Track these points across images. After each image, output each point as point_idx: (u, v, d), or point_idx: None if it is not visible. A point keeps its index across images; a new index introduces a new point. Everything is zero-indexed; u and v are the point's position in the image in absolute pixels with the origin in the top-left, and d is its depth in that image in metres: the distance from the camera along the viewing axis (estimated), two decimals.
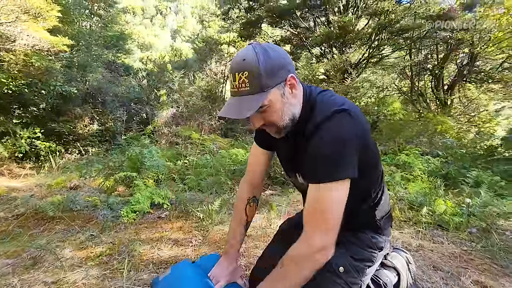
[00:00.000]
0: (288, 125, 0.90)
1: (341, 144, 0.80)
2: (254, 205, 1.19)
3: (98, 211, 2.72)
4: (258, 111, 0.83)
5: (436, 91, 9.06)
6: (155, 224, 2.39)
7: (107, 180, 3.68)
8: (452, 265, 1.71)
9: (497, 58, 8.66)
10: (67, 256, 1.68)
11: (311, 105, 0.90)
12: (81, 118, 7.29)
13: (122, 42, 12.11)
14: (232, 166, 4.06)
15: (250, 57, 0.80)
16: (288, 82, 0.85)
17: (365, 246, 1.02)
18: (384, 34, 7.58)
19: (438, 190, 2.78)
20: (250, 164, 1.19)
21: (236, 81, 0.82)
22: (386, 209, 1.07)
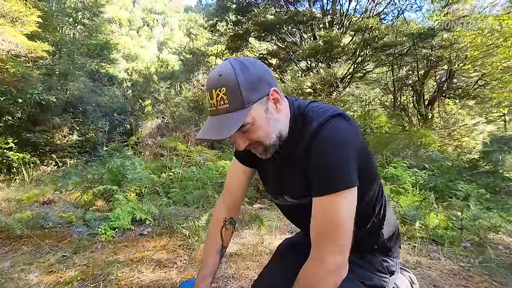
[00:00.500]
0: (275, 144, 0.80)
1: (342, 148, 0.72)
2: (231, 228, 1.04)
3: (72, 228, 2.50)
4: (240, 130, 0.73)
5: (417, 105, 9.39)
6: (136, 243, 2.20)
7: (84, 194, 3.44)
8: (452, 283, 1.64)
9: (472, 76, 9.13)
10: (33, 282, 1.48)
11: (302, 117, 0.80)
12: (59, 128, 6.93)
13: (106, 52, 11.86)
14: (219, 179, 3.92)
15: (226, 71, 0.72)
16: (271, 96, 0.76)
17: (375, 270, 0.91)
18: (368, 50, 7.82)
19: (429, 203, 2.76)
20: (228, 182, 1.05)
21: (213, 99, 0.73)
22: (393, 226, 0.96)
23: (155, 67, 16.06)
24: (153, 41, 63.51)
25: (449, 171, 4.18)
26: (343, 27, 8.31)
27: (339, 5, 8.52)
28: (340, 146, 0.72)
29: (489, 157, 5.02)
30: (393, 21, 8.26)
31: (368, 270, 0.90)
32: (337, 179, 0.71)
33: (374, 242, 0.93)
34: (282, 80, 9.35)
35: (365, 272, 0.90)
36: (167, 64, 14.64)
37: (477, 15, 7.69)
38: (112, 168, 3.48)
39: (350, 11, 8.67)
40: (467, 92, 8.94)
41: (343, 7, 8.51)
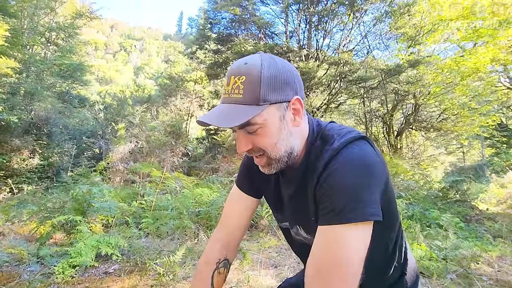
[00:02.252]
0: (282, 159, 0.67)
1: (368, 172, 0.59)
2: (225, 271, 0.84)
3: (23, 267, 2.16)
4: (247, 130, 0.64)
5: (387, 136, 9.91)
6: (100, 283, 1.92)
7: (41, 225, 3.04)
8: None
9: (435, 110, 9.93)
10: None
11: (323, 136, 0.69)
12: (19, 151, 6.35)
13: (79, 73, 11.46)
14: (196, 207, 3.70)
15: (254, 61, 0.63)
16: (292, 104, 0.66)
17: None
18: (341, 83, 8.28)
19: (413, 233, 2.75)
20: (229, 213, 0.87)
21: (229, 85, 0.64)
22: (414, 271, 0.85)
23: (131, 90, 15.75)
24: (129, 66, 63.16)
25: (424, 200, 4.29)
26: (318, 60, 8.80)
27: (314, 40, 9.08)
28: (366, 168, 0.59)
29: (457, 186, 5.28)
30: (364, 58, 8.90)
31: None
32: (354, 206, 0.57)
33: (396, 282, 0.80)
34: None
35: None
36: (144, 88, 14.43)
37: (436, 56, 8.56)
38: (76, 196, 3.15)
39: (324, 46, 9.27)
40: (431, 125, 9.63)
41: (318, 42, 9.08)
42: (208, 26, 10.10)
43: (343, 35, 9.07)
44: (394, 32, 8.74)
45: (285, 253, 2.69)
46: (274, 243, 2.93)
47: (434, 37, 8.27)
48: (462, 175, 5.67)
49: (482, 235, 3.61)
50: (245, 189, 0.85)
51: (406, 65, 7.54)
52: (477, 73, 7.75)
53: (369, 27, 8.85)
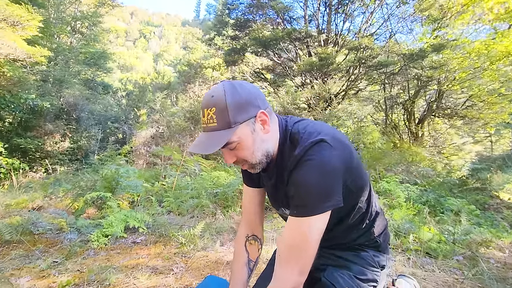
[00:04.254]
0: (262, 161, 0.86)
1: (322, 175, 0.76)
2: (256, 243, 1.08)
3: (63, 235, 2.44)
4: (228, 147, 0.81)
5: (408, 123, 9.63)
6: (130, 250, 2.16)
7: (75, 201, 3.37)
8: None
9: (460, 96, 9.48)
10: (24, 286, 1.44)
11: (288, 137, 0.87)
12: (51, 134, 6.83)
13: (103, 61, 11.89)
14: (214, 189, 3.90)
15: (218, 93, 0.79)
16: (258, 118, 0.82)
17: (367, 265, 0.97)
18: (361, 69, 8.08)
19: (423, 217, 2.80)
20: (244, 204, 1.12)
21: (205, 117, 0.80)
22: (383, 224, 1.03)
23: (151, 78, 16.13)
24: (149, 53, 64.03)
25: (440, 187, 4.26)
26: (337, 45, 8.60)
27: (334, 24, 8.85)
28: (320, 173, 0.76)
29: (478, 175, 5.16)
30: (386, 42, 8.59)
31: (361, 265, 0.97)
32: (314, 204, 0.76)
33: (365, 239, 0.99)
34: (277, 94, 9.52)
35: (360, 268, 0.96)
36: (163, 75, 14.73)
37: (464, 39, 8.11)
38: (106, 175, 3.43)
39: (344, 31, 9.01)
40: (456, 112, 9.25)
41: (338, 26, 8.84)
42: (226, 12, 10.07)
43: (364, 18, 8.77)
44: (419, 14, 8.32)
45: None
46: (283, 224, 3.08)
47: (463, 19, 7.82)
48: (484, 164, 5.49)
49: (499, 223, 3.57)
50: (249, 184, 1.07)
51: (430, 50, 7.22)
52: (509, 57, 7.30)
53: (392, 9, 8.47)
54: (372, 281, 0.96)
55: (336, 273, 0.95)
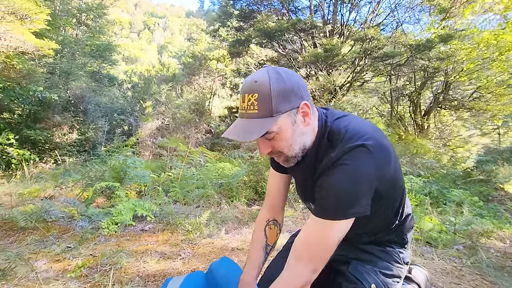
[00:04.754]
0: (298, 155, 0.83)
1: (353, 182, 0.75)
2: (276, 228, 1.08)
3: (75, 223, 2.54)
4: (265, 137, 0.78)
5: (414, 115, 9.55)
6: (139, 237, 2.24)
7: (85, 191, 3.48)
8: (445, 281, 1.71)
9: (468, 88, 9.34)
10: (41, 268, 1.53)
11: (326, 133, 0.84)
12: (59, 126, 6.96)
13: (108, 53, 11.94)
14: (219, 179, 3.98)
15: (262, 79, 0.75)
16: (301, 109, 0.79)
17: (393, 261, 0.97)
18: (367, 60, 7.99)
19: (424, 207, 2.83)
20: (269, 188, 1.11)
21: (244, 103, 0.77)
22: (411, 224, 1.03)
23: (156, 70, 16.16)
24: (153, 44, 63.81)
25: (443, 179, 4.27)
26: (343, 36, 8.50)
27: (339, 15, 8.73)
28: (351, 180, 0.74)
29: (482, 167, 5.14)
30: (392, 32, 8.46)
31: (387, 261, 0.97)
32: (339, 209, 0.76)
33: (394, 237, 1.00)
34: None
35: (386, 264, 0.96)
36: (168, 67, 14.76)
37: (473, 29, 7.93)
38: (114, 165, 3.52)
39: (350, 21, 8.89)
40: (462, 104, 9.13)
41: (344, 17, 8.72)
42: (231, 3, 9.98)
43: (371, 8, 8.63)
44: (427, 3, 8.15)
45: (300, 222, 2.90)
46: (291, 213, 3.15)
47: (473, 8, 7.64)
48: (489, 156, 5.46)
49: (502, 214, 3.59)
50: (277, 169, 1.06)
51: (437, 40, 7.10)
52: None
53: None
54: (396, 276, 0.97)
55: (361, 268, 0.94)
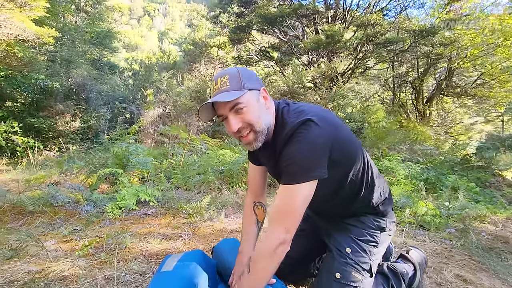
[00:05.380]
0: (263, 132, 0.95)
1: (307, 150, 0.88)
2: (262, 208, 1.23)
3: (80, 207, 2.63)
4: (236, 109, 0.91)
5: (416, 102, 9.49)
6: (142, 220, 2.34)
7: (89, 177, 3.56)
8: (434, 261, 1.79)
9: (471, 75, 9.22)
10: (51, 248, 1.62)
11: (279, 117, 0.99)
12: (62, 114, 7.02)
13: (108, 40, 11.84)
14: (219, 166, 4.05)
15: (230, 68, 0.96)
16: (261, 93, 0.96)
17: (367, 227, 1.10)
18: (369, 46, 7.88)
19: (420, 192, 2.90)
20: (249, 178, 1.27)
21: (217, 84, 0.93)
22: (383, 193, 1.14)
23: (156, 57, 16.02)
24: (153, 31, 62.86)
25: (441, 165, 4.32)
26: (345, 22, 8.36)
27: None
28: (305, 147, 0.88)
29: (482, 154, 5.17)
30: (396, 18, 8.30)
31: (362, 228, 1.10)
32: (300, 173, 0.88)
33: (365, 209, 1.12)
34: (283, 73, 9.42)
35: (360, 230, 1.10)
36: (169, 54, 14.63)
37: (479, 14, 7.76)
38: (117, 152, 3.59)
39: (353, 6, 8.71)
40: (465, 91, 9.05)
41: (346, 1, 8.54)
42: None
43: None
44: None
45: None
46: None
47: None
48: (489, 143, 5.48)
49: (497, 199, 3.65)
50: (253, 162, 1.22)
51: (441, 26, 6.97)
52: None
53: None
54: (372, 241, 1.09)
55: (339, 238, 1.09)
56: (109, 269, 1.35)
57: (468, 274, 1.65)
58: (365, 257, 1.05)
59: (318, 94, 6.91)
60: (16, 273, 1.29)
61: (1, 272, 1.30)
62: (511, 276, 1.68)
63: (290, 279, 1.29)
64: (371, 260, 1.06)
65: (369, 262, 1.06)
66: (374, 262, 1.08)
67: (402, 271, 1.16)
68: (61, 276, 1.28)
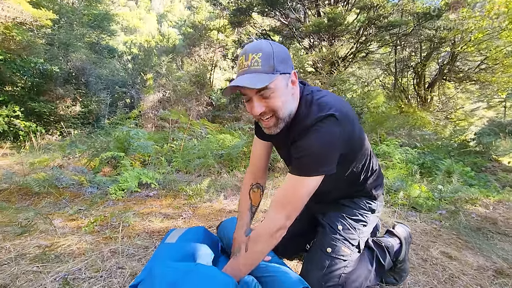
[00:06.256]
0: (285, 119, 0.94)
1: (323, 146, 0.89)
2: (259, 191, 1.25)
3: (84, 189, 2.72)
4: (263, 94, 0.87)
5: (417, 88, 9.43)
6: (144, 201, 2.42)
7: (91, 160, 3.64)
8: (423, 239, 1.88)
9: (475, 59, 9.09)
10: (59, 225, 1.71)
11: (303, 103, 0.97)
12: (62, 98, 7.03)
13: (106, 23, 11.62)
14: (219, 150, 4.12)
15: (264, 44, 0.88)
16: (292, 76, 0.92)
17: (359, 208, 1.19)
18: (372, 29, 7.75)
19: (414, 175, 2.97)
20: (252, 155, 1.27)
21: (248, 61, 0.86)
22: (377, 180, 1.22)
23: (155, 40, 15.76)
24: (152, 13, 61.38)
25: (438, 150, 4.37)
26: (348, 4, 8.17)
27: None
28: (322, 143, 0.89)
29: (480, 139, 5.21)
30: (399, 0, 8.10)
31: (354, 208, 1.19)
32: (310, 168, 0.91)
33: (360, 192, 1.20)
34: None
35: (352, 210, 1.19)
36: (168, 38, 14.40)
37: None
38: (118, 136, 3.65)
39: None
40: (468, 76, 8.96)
41: None
42: None
43: None
44: None
45: None
46: None
47: None
48: (487, 128, 5.50)
49: (491, 183, 3.72)
50: (260, 135, 1.21)
51: (446, 8, 6.82)
52: None
53: None
54: (362, 221, 1.17)
55: (332, 216, 1.16)
56: (114, 244, 1.44)
57: (453, 251, 1.74)
58: (354, 234, 1.14)
59: (319, 79, 6.87)
60: (27, 247, 1.38)
61: (13, 246, 1.39)
62: (494, 253, 1.77)
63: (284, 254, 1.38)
64: (359, 237, 1.15)
65: (358, 239, 1.15)
66: (362, 239, 1.17)
67: (387, 244, 1.24)
68: (69, 250, 1.37)
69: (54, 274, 1.16)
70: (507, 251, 1.81)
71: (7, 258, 1.27)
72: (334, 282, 1.04)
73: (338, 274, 1.06)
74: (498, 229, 2.19)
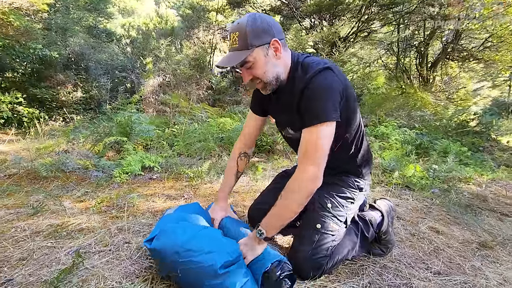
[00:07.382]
0: (272, 82, 1.08)
1: (327, 93, 1.00)
2: (245, 159, 1.40)
3: (90, 173, 2.82)
4: (245, 66, 1.03)
5: (420, 68, 9.28)
6: (147, 184, 2.53)
7: (95, 145, 3.73)
8: (413, 216, 1.97)
9: (479, 37, 8.87)
10: (68, 206, 1.81)
11: (299, 66, 1.09)
12: (63, 84, 7.04)
13: (103, 5, 11.36)
14: (220, 134, 4.19)
15: (242, 21, 1.01)
16: (272, 45, 1.03)
17: (347, 186, 1.27)
18: (374, 8, 7.55)
19: (409, 156, 3.03)
20: (245, 127, 1.40)
21: (230, 40, 1.03)
22: (366, 157, 1.30)
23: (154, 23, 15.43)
24: None
25: (436, 131, 4.41)
26: None
27: None
28: (326, 91, 1.00)
29: (479, 119, 5.22)
30: None
31: (342, 186, 1.27)
32: (322, 113, 0.99)
33: (349, 167, 1.28)
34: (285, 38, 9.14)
35: (341, 188, 1.26)
36: (167, 20, 14.10)
37: None
38: (120, 121, 3.72)
39: None
40: (472, 54, 8.78)
41: None
42: None
43: None
44: None
45: None
46: (286, 163, 3.40)
47: None
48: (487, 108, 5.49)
49: (487, 163, 3.79)
50: (255, 111, 1.35)
51: None
52: None
53: None
54: (350, 198, 1.26)
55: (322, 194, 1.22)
56: (120, 222, 1.55)
57: (441, 226, 1.83)
58: (342, 211, 1.23)
59: None
60: (40, 226, 1.48)
61: (27, 225, 1.50)
62: (480, 228, 1.87)
63: None
64: (347, 214, 1.24)
65: (345, 215, 1.23)
66: (349, 216, 1.26)
67: (370, 218, 1.34)
68: (79, 227, 1.48)
69: (67, 249, 1.27)
70: (493, 226, 1.91)
71: (23, 235, 1.38)
72: (322, 254, 1.14)
73: (326, 247, 1.15)
74: (487, 205, 2.28)
